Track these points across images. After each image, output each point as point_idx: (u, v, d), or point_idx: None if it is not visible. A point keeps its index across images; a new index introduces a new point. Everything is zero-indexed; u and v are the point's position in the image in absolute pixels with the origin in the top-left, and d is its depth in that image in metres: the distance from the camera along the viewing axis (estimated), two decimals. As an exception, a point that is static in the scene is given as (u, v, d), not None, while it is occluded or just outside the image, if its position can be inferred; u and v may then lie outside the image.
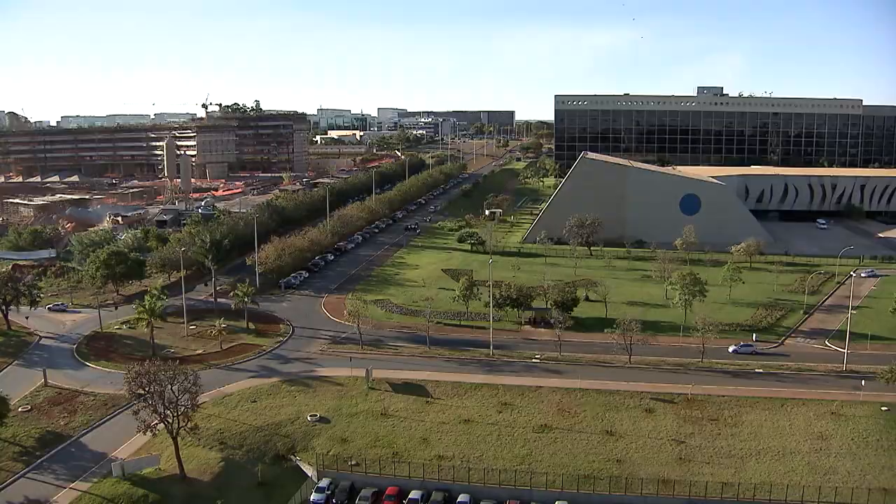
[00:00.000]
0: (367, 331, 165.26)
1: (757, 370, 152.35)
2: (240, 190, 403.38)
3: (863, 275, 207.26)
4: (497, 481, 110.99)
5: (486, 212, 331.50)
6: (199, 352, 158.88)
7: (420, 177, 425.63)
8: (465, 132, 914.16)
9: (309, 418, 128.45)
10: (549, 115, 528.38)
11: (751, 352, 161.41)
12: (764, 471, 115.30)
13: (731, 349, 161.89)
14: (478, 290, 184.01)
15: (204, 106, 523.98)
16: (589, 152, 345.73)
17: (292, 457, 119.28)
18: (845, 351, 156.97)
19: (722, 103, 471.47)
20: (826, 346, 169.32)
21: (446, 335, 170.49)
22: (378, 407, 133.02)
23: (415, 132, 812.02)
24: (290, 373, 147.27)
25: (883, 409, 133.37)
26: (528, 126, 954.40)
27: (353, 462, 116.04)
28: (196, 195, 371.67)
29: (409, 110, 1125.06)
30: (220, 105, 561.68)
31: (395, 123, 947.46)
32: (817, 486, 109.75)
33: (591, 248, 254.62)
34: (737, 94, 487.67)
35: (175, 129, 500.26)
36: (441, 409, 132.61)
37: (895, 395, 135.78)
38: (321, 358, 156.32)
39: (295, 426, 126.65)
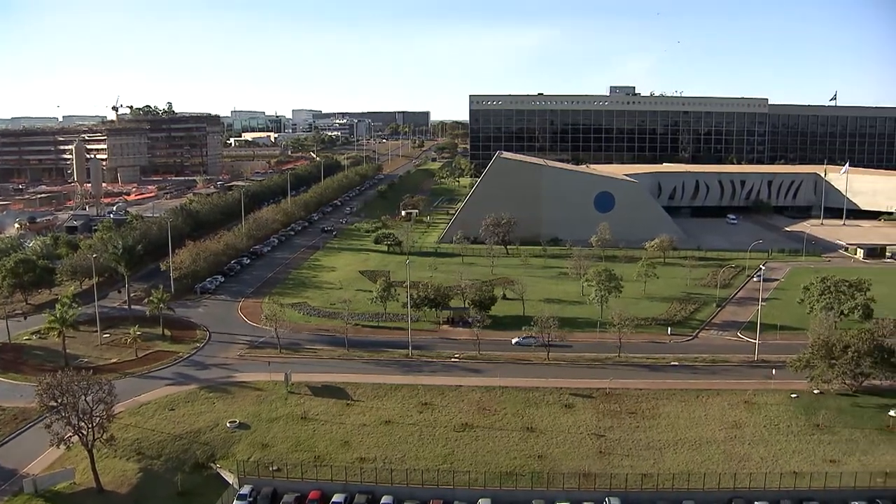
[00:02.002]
0: (284, 334, 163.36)
1: (673, 363, 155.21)
2: (153, 194, 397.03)
3: (755, 279, 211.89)
4: (420, 481, 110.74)
5: (403, 212, 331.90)
6: (114, 360, 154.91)
7: (335, 178, 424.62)
8: (380, 133, 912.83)
9: (228, 425, 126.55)
10: (464, 115, 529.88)
11: (533, 343, 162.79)
12: (681, 461, 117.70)
13: (514, 341, 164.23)
14: (395, 290, 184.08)
15: (114, 108, 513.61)
16: (504, 152, 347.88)
17: (212, 465, 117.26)
18: (756, 342, 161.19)
19: (634, 102, 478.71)
20: (738, 337, 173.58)
21: (365, 337, 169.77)
22: (298, 411, 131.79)
23: (330, 133, 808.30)
24: (208, 379, 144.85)
25: (792, 396, 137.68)
26: (443, 126, 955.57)
27: (274, 467, 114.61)
28: (107, 200, 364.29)
29: (323, 111, 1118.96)
30: (130, 107, 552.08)
31: (310, 125, 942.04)
32: (732, 474, 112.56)
33: (508, 247, 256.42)
34: (648, 94, 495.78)
35: (84, 132, 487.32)
36: (361, 411, 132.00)
37: (804, 383, 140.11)
38: (239, 363, 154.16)
39: (214, 433, 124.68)
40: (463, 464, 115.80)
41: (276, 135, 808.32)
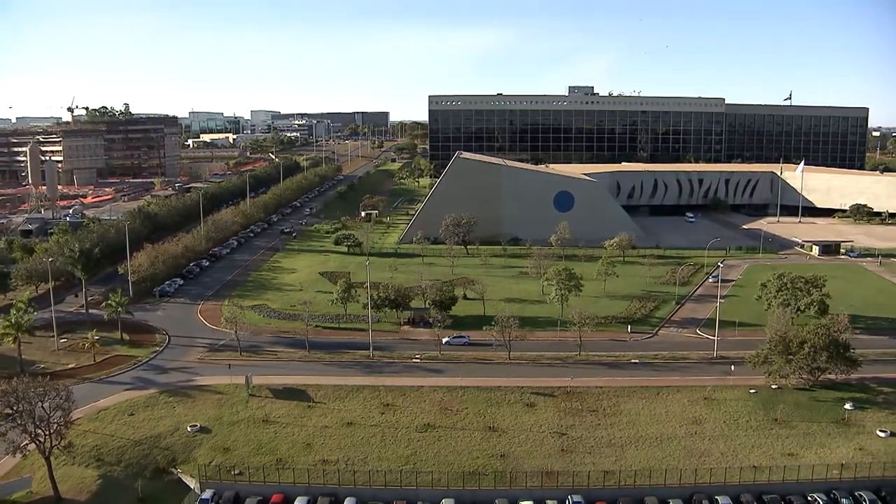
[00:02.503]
0: (245, 337, 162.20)
1: (633, 361, 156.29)
2: (110, 196, 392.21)
3: (711, 279, 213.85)
4: (383, 482, 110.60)
5: (363, 213, 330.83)
6: (71, 366, 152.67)
7: (295, 179, 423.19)
8: (339, 134, 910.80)
9: (189, 429, 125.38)
10: (423, 115, 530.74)
11: (463, 343, 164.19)
12: (643, 457, 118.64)
13: (444, 341, 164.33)
14: (356, 291, 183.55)
15: (70, 110, 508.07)
16: (463, 152, 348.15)
17: (173, 469, 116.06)
18: (715, 338, 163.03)
19: (593, 102, 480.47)
20: (697, 334, 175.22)
21: (326, 338, 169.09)
22: (259, 414, 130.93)
23: (289, 134, 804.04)
24: (168, 383, 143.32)
25: (751, 391, 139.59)
26: (402, 127, 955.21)
27: (236, 471, 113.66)
28: (63, 203, 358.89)
29: (282, 112, 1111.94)
30: (86, 109, 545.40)
31: (269, 126, 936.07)
32: (693, 469, 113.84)
33: (468, 247, 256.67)
34: (607, 94, 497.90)
35: (39, 133, 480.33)
36: (323, 413, 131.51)
37: (762, 378, 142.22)
38: (199, 366, 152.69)
39: (175, 438, 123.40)
40: (426, 464, 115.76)
41: (234, 136, 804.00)
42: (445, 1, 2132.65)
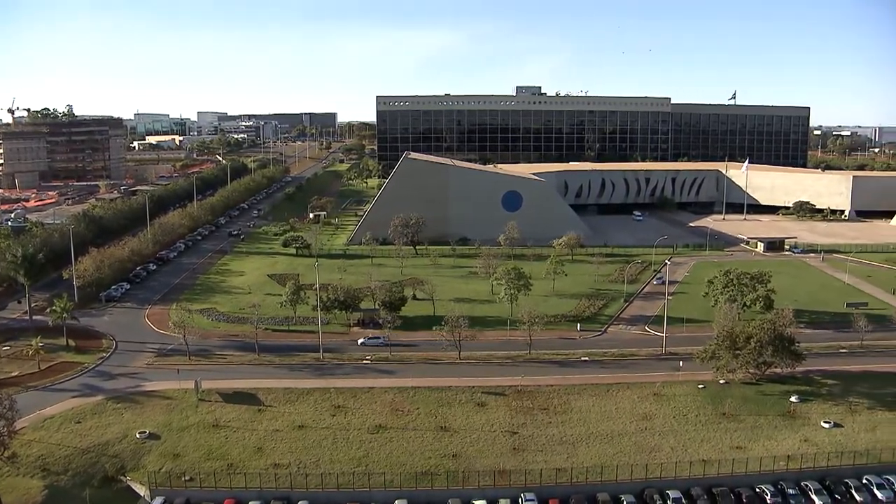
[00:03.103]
0: (193, 341, 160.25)
1: (583, 358, 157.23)
2: (53, 200, 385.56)
3: (655, 282, 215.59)
4: (335, 485, 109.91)
5: (311, 215, 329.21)
6: (15, 374, 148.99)
7: (242, 181, 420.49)
8: (287, 135, 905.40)
9: (138, 435, 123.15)
10: (371, 116, 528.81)
11: (380, 343, 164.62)
12: (594, 454, 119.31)
13: (360, 342, 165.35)
14: (305, 294, 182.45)
15: (10, 111, 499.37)
16: (411, 152, 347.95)
17: (122, 477, 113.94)
18: (664, 335, 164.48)
19: (540, 102, 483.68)
20: (646, 331, 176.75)
21: (275, 341, 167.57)
22: (209, 419, 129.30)
23: (236, 136, 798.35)
24: (116, 389, 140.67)
25: (699, 386, 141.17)
26: (350, 127, 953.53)
27: (186, 478, 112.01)
28: (4, 207, 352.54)
29: (229, 113, 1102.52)
30: (28, 110, 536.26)
31: (216, 127, 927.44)
32: (644, 464, 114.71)
33: (417, 248, 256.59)
34: (554, 94, 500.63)
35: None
36: (274, 417, 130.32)
37: (710, 373, 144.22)
38: (147, 372, 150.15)
39: (123, 445, 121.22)
40: (378, 466, 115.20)
41: (181, 138, 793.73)
42: (394, 2, 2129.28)
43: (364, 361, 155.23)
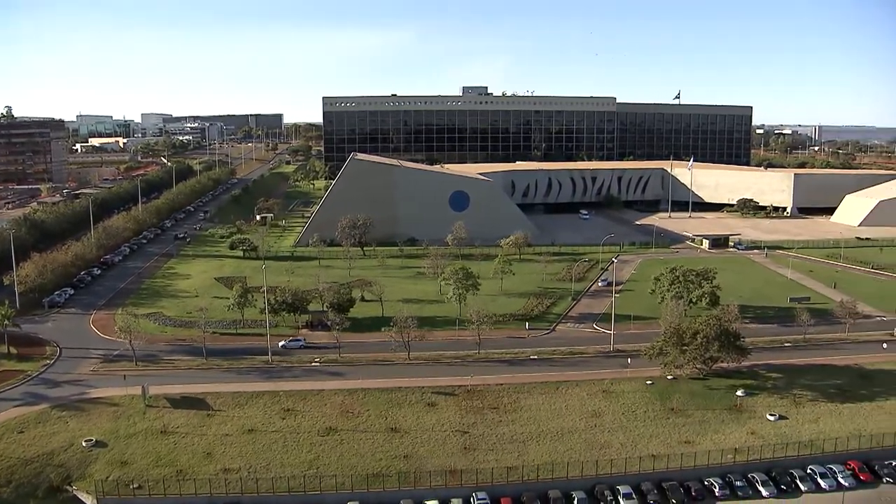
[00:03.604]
0: (140, 346, 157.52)
1: (532, 357, 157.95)
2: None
3: (600, 283, 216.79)
4: (286, 489, 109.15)
5: (258, 217, 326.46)
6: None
7: (188, 184, 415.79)
8: (233, 136, 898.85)
9: (84, 444, 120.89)
10: (318, 117, 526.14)
11: (300, 346, 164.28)
12: (545, 451, 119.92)
13: (280, 344, 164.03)
14: (252, 296, 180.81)
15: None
16: (358, 153, 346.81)
17: (68, 487, 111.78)
18: (612, 332, 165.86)
19: (487, 102, 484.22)
20: (594, 329, 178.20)
21: (223, 345, 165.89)
22: (157, 424, 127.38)
23: (181, 138, 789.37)
24: (60, 397, 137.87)
25: (648, 382, 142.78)
26: (297, 129, 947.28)
27: (135, 485, 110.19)
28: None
29: (174, 115, 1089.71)
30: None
31: (161, 129, 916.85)
32: (595, 461, 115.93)
33: (365, 249, 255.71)
34: (501, 94, 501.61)
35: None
36: (223, 421, 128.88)
37: (658, 370, 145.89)
38: (93, 379, 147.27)
39: (69, 454, 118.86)
40: (329, 468, 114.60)
41: (124, 140, 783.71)
42: (339, 2, 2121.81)
43: (313, 364, 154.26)
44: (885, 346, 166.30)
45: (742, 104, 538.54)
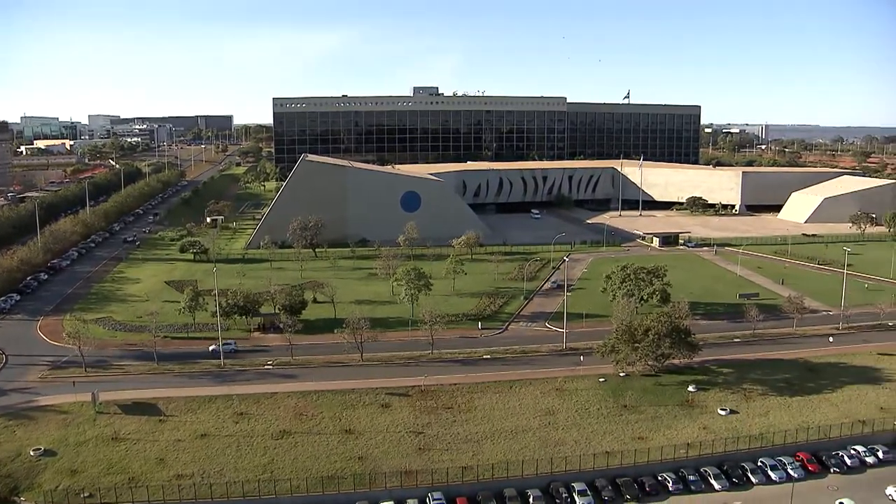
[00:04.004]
0: (89, 352, 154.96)
1: (485, 356, 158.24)
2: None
3: (550, 285, 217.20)
4: (241, 493, 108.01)
5: (208, 219, 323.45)
6: None
7: (137, 186, 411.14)
8: (182, 138, 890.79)
9: (32, 453, 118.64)
10: (268, 118, 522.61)
11: (230, 350, 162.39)
12: (500, 450, 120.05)
13: (210, 349, 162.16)
14: (203, 300, 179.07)
15: None
16: (309, 154, 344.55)
17: (16, 498, 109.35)
18: (564, 331, 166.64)
19: (437, 103, 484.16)
20: (546, 327, 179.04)
21: (175, 349, 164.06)
22: (108, 431, 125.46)
23: (129, 140, 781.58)
24: (7, 406, 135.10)
25: (600, 380, 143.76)
26: (247, 130, 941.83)
27: (85, 494, 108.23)
28: None
29: (122, 117, 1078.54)
30: None
31: (108, 131, 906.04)
32: (549, 458, 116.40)
33: (316, 250, 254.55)
34: (451, 94, 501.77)
35: None
36: (175, 427, 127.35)
37: (610, 367, 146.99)
38: (41, 386, 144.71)
39: (17, 464, 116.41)
40: (284, 472, 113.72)
41: (71, 142, 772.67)
42: (288, 3, 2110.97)
43: (266, 366, 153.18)
44: (831, 339, 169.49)
45: (691, 104, 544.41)
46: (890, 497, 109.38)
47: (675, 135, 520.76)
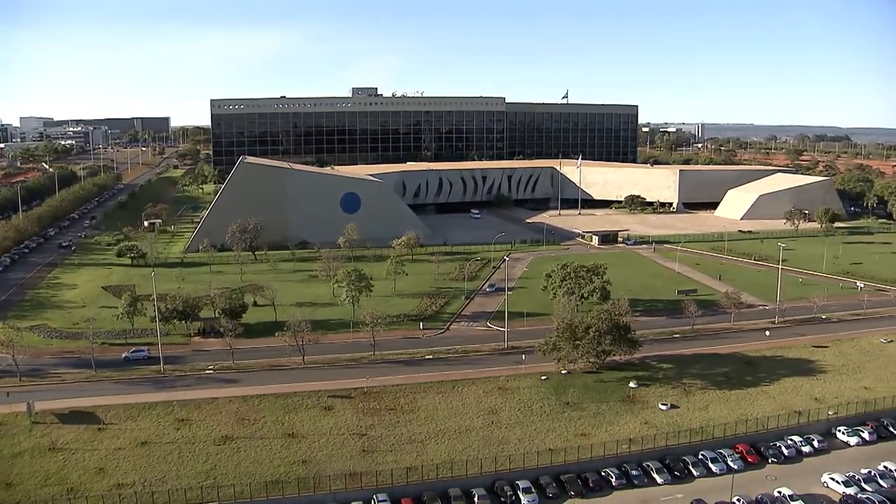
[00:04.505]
0: (24, 361, 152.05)
1: (427, 357, 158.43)
2: None
3: (487, 289, 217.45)
4: (183, 501, 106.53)
5: (146, 223, 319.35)
6: None
7: (72, 190, 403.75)
8: (118, 141, 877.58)
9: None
10: (206, 120, 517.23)
11: (143, 356, 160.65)
12: (444, 450, 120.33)
13: (123, 356, 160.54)
14: (142, 305, 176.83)
15: None
16: (248, 156, 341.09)
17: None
18: (505, 330, 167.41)
19: (376, 103, 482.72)
20: (488, 327, 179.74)
21: (113, 356, 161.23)
22: (45, 441, 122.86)
23: (63, 142, 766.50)
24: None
25: (543, 378, 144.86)
26: (184, 132, 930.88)
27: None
28: None
29: (55, 119, 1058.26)
30: None
31: (41, 133, 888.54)
32: (493, 457, 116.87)
33: (256, 253, 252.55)
34: (390, 95, 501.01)
35: None
36: (115, 435, 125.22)
37: (552, 365, 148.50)
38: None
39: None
40: (227, 477, 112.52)
41: (2, 145, 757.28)
42: (227, 4, 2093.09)
43: (207, 372, 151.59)
44: (767, 333, 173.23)
45: (628, 103, 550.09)
46: (825, 484, 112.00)
47: (613, 134, 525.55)
